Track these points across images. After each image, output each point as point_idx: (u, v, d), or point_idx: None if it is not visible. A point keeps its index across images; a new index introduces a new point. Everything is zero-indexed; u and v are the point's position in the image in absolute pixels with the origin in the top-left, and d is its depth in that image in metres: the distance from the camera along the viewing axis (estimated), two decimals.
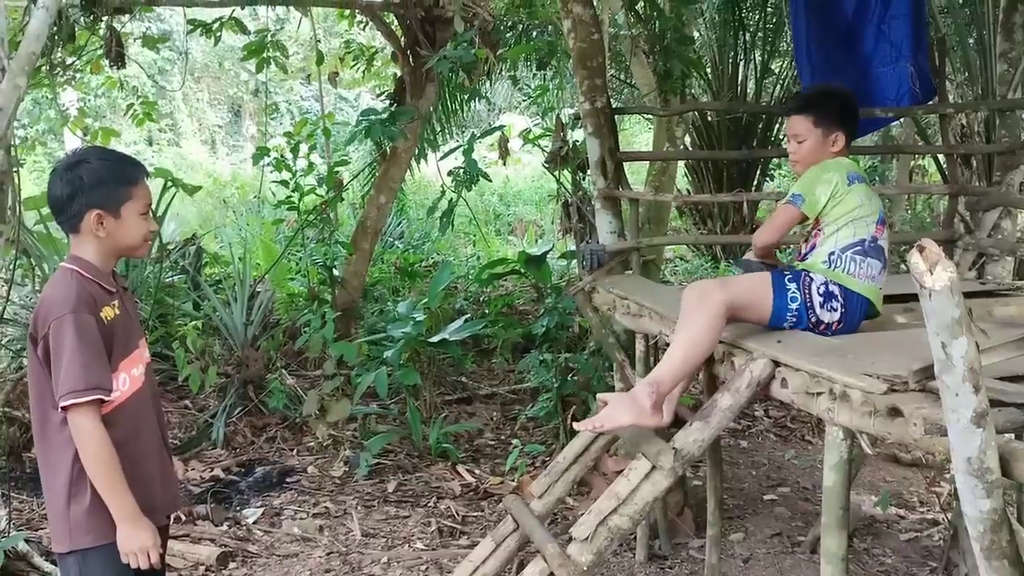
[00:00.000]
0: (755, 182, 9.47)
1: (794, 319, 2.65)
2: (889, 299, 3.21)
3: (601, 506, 2.43)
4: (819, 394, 2.26)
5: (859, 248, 2.69)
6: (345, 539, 3.82)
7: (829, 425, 2.26)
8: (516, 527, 2.73)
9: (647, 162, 8.39)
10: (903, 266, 7.04)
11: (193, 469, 4.46)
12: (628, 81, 9.42)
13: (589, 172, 4.96)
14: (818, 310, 2.65)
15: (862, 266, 2.70)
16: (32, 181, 11.27)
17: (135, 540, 2.03)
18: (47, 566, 3.30)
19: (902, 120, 7.88)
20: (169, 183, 5.77)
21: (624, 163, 4.15)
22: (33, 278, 5.41)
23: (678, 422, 4.49)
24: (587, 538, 2.39)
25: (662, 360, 2.66)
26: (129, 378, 2.14)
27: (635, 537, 3.64)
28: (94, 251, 2.11)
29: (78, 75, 7.53)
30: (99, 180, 2.06)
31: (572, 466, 2.91)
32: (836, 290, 2.66)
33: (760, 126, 9.45)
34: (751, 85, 9.87)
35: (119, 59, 6.05)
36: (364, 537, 3.84)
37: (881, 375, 2.09)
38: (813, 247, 2.76)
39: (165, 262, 6.11)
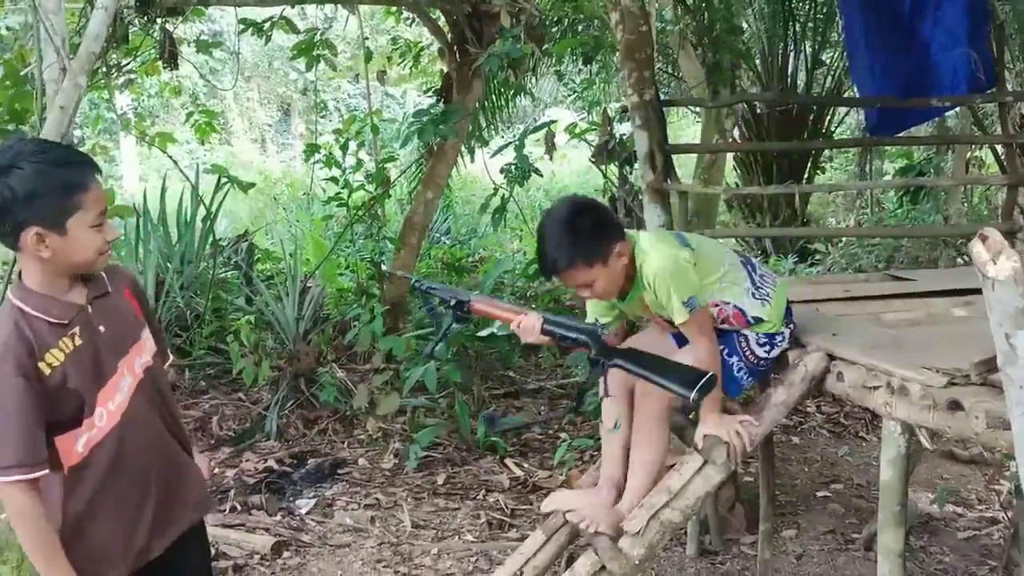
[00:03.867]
0: (806, 175, 9.32)
1: (748, 381, 2.58)
2: (947, 292, 3.14)
3: (653, 500, 2.42)
4: (876, 388, 2.23)
5: (751, 286, 2.52)
6: (396, 530, 3.86)
7: (886, 419, 2.23)
8: (566, 520, 2.73)
9: (695, 156, 8.33)
10: (960, 259, 6.88)
11: (247, 460, 4.55)
12: (675, 74, 9.35)
13: (636, 166, 4.94)
14: (762, 362, 2.56)
15: (764, 289, 2.54)
16: None
17: None
18: None
19: (958, 110, 7.69)
20: (224, 180, 5.91)
21: (672, 156, 4.13)
22: None
23: None
24: (639, 532, 2.38)
25: (631, 485, 2.57)
26: (107, 413, 1.83)
27: (685, 532, 3.62)
28: (39, 274, 1.77)
29: (132, 77, 7.72)
30: (34, 191, 1.67)
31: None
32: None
33: (811, 117, 9.30)
34: (801, 76, 9.72)
35: (173, 60, 6.18)
36: (414, 528, 3.88)
37: (941, 368, 2.05)
38: (743, 317, 2.52)
39: (219, 258, 6.23)
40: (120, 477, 1.86)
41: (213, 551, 3.50)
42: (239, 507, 4.00)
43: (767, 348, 2.55)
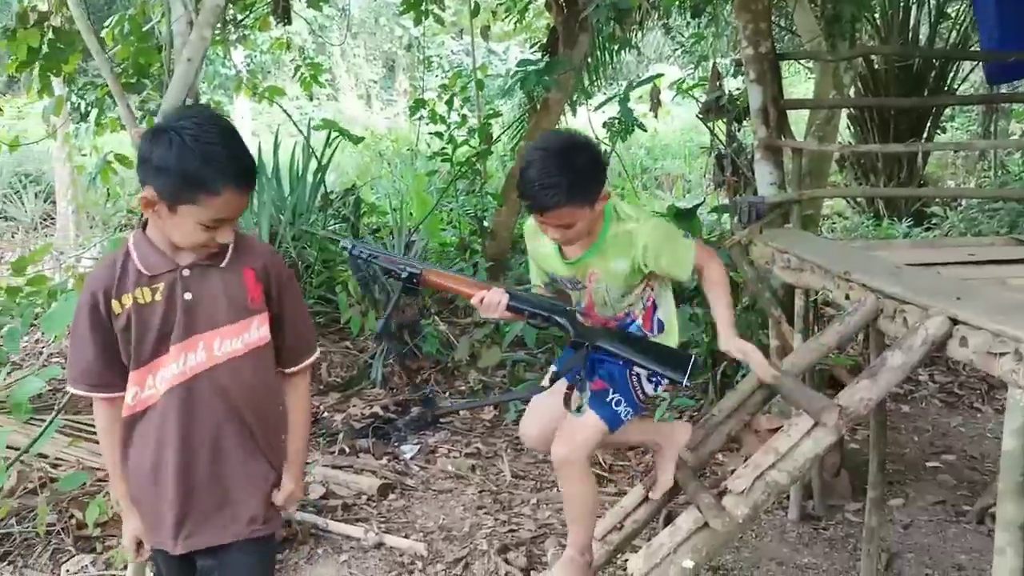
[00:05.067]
0: (925, 134, 8.87)
1: (627, 417, 2.43)
2: None
3: (759, 460, 2.39)
4: (1002, 354, 2.13)
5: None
6: (496, 479, 3.95)
7: (1012, 387, 2.13)
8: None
9: (806, 113, 8.02)
10: None
11: (354, 406, 4.72)
12: (788, 28, 8.99)
13: (747, 122, 4.80)
14: (647, 396, 2.44)
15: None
16: None
17: (123, 530, 1.95)
18: None
19: None
20: (335, 135, 6.05)
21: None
22: None
23: (834, 384, 4.36)
24: (743, 491, 2.36)
25: (571, 528, 2.58)
26: (164, 379, 1.80)
27: (787, 496, 3.58)
28: (153, 226, 1.80)
29: (246, 33, 7.94)
30: (164, 165, 1.67)
31: (727, 420, 2.88)
32: None
33: (933, 74, 8.82)
34: (923, 30, 9.20)
35: (286, 15, 6.33)
36: (514, 478, 3.95)
37: None
38: (652, 316, 2.41)
39: (328, 211, 6.41)
40: (159, 453, 1.82)
41: (323, 490, 3.68)
42: (347, 450, 4.17)
43: (655, 384, 2.42)
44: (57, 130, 7.51)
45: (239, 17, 6.90)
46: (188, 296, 1.79)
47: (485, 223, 6.62)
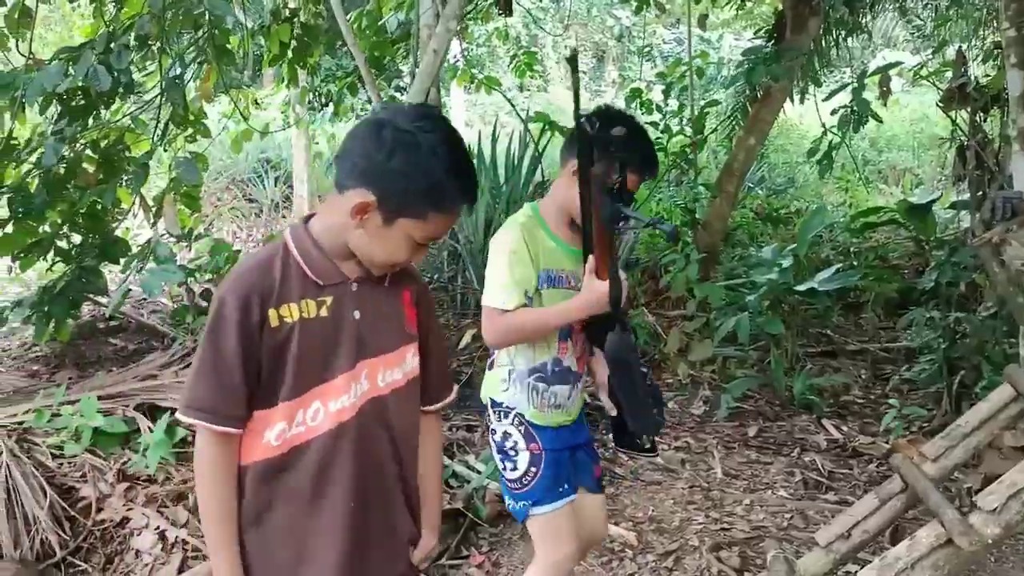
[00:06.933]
0: None
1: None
2: None
3: (1016, 478, 2.20)
4: None
5: None
6: (706, 475, 3.88)
7: None
8: (904, 487, 2.57)
9: None
10: None
11: None
12: None
13: (993, 111, 4.43)
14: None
15: None
16: None
17: None
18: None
19: None
20: (546, 126, 6.17)
21: None
22: None
23: None
24: (995, 509, 2.18)
25: None
26: (324, 412, 1.50)
27: None
28: (332, 228, 1.50)
29: (467, 25, 8.22)
30: (403, 170, 1.41)
31: (974, 433, 2.66)
32: None
33: None
34: None
35: (507, 7, 6.51)
36: (725, 476, 3.86)
37: None
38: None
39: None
40: (316, 508, 1.51)
41: None
42: None
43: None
44: (299, 119, 8.14)
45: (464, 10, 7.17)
46: (357, 315, 1.52)
47: (696, 214, 6.49)
